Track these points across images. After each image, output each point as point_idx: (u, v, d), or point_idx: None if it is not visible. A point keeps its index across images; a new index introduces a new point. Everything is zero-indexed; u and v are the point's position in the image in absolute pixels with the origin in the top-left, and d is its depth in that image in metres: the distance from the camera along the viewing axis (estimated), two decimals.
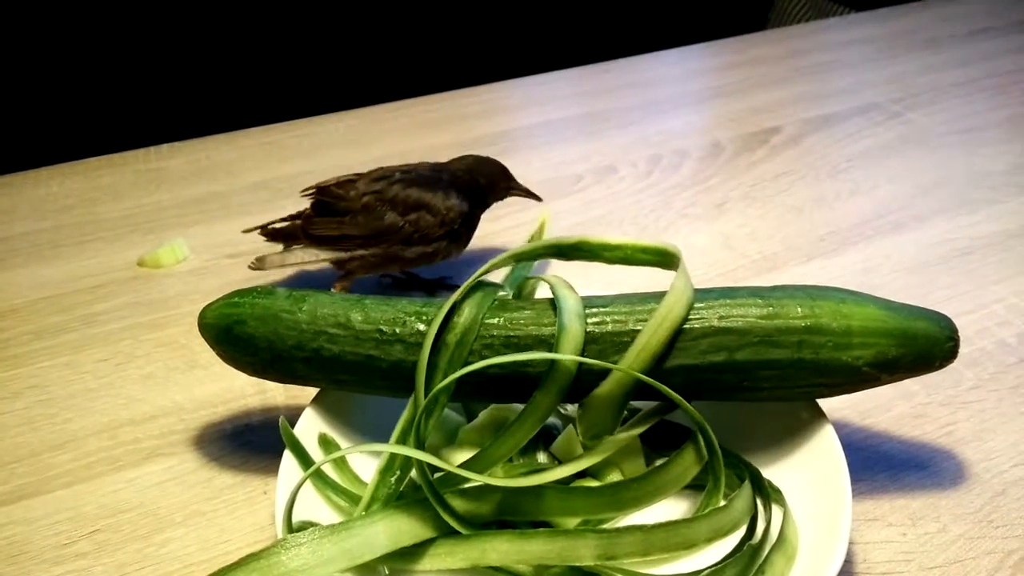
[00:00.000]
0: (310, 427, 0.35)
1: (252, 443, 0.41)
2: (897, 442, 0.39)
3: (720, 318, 0.32)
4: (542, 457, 0.35)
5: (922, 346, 0.32)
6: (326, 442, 0.35)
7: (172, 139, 0.73)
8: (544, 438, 0.35)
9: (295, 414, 0.36)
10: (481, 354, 0.33)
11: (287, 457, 0.33)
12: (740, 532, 0.31)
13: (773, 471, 0.34)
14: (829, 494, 0.31)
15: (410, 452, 0.30)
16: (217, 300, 0.35)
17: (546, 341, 0.32)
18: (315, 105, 0.80)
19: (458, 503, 0.31)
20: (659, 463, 0.33)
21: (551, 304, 0.33)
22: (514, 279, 0.45)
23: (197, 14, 1.24)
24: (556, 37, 1.44)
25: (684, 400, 0.31)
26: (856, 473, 0.36)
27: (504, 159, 0.51)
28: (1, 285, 0.54)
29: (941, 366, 0.32)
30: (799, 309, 0.32)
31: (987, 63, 0.81)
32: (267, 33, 1.29)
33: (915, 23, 0.93)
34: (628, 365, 0.31)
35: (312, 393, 0.37)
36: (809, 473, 0.33)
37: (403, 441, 0.32)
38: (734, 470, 0.34)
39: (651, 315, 0.32)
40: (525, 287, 0.40)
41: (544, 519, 0.32)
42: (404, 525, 0.30)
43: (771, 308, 0.32)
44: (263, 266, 0.47)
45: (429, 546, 0.30)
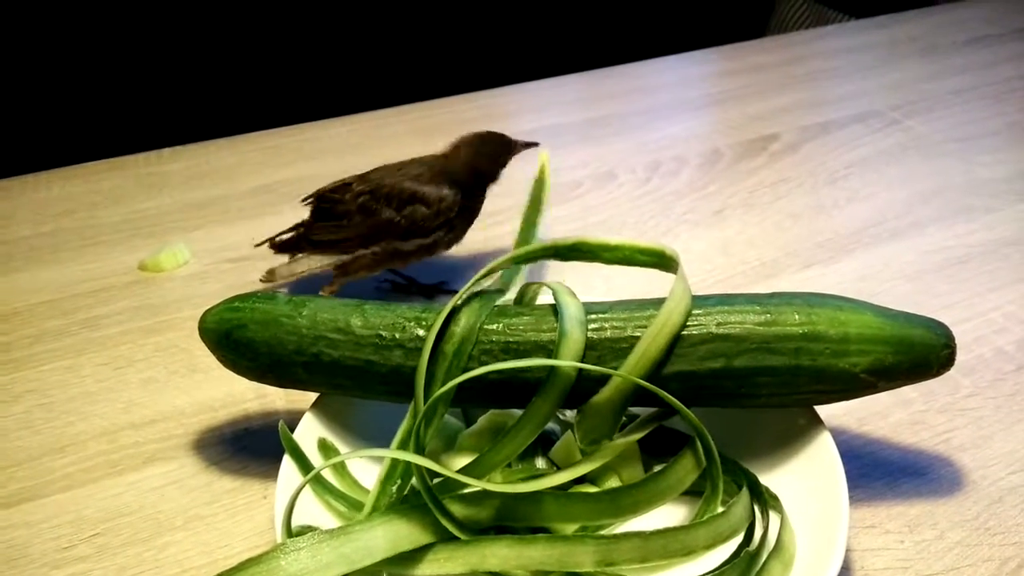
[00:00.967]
0: (310, 432, 0.35)
1: (252, 447, 0.41)
2: (895, 449, 0.39)
3: (718, 325, 0.32)
4: (541, 463, 0.35)
5: (919, 353, 0.32)
6: (325, 447, 0.36)
7: (173, 143, 0.73)
8: (543, 443, 0.35)
9: (295, 419, 0.36)
10: (480, 360, 0.33)
11: (287, 462, 0.33)
12: (738, 539, 0.32)
13: (771, 478, 0.34)
14: (826, 501, 0.31)
15: (408, 457, 0.30)
16: (218, 304, 0.36)
17: (545, 347, 0.33)
18: (316, 110, 0.80)
19: (457, 508, 0.31)
20: (657, 469, 0.33)
21: (550, 310, 0.34)
22: (506, 277, 0.44)
23: (198, 19, 1.24)
24: (556, 43, 1.44)
25: (683, 406, 0.31)
26: (853, 480, 0.37)
27: None
28: (1, 289, 0.54)
29: (938, 373, 0.33)
30: (797, 316, 0.32)
31: (986, 71, 0.82)
32: (268, 38, 1.30)
33: (914, 31, 0.93)
34: (627, 371, 0.31)
35: (312, 398, 0.37)
36: (807, 480, 0.33)
37: (403, 449, 0.32)
38: (732, 476, 0.34)
39: (650, 321, 0.32)
40: (527, 292, 0.40)
41: (543, 525, 0.32)
42: (403, 530, 0.30)
43: (769, 315, 0.32)
44: (274, 278, 0.49)
45: (428, 551, 0.30)
